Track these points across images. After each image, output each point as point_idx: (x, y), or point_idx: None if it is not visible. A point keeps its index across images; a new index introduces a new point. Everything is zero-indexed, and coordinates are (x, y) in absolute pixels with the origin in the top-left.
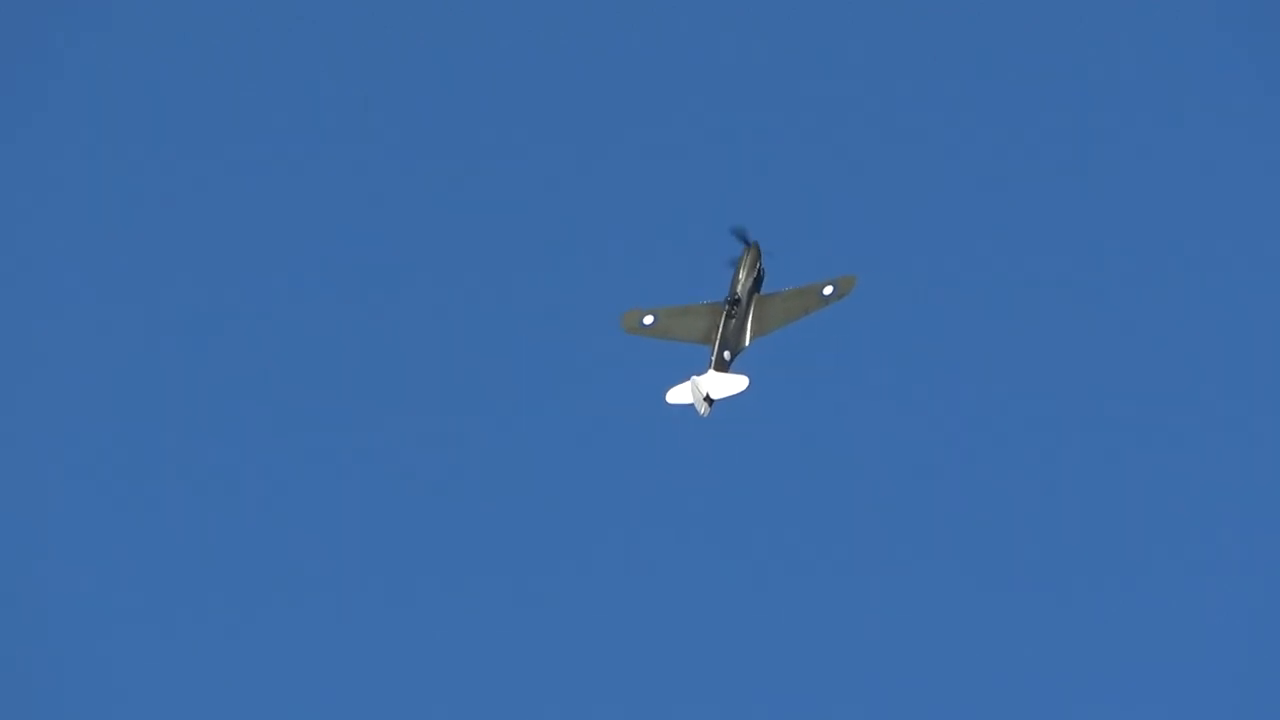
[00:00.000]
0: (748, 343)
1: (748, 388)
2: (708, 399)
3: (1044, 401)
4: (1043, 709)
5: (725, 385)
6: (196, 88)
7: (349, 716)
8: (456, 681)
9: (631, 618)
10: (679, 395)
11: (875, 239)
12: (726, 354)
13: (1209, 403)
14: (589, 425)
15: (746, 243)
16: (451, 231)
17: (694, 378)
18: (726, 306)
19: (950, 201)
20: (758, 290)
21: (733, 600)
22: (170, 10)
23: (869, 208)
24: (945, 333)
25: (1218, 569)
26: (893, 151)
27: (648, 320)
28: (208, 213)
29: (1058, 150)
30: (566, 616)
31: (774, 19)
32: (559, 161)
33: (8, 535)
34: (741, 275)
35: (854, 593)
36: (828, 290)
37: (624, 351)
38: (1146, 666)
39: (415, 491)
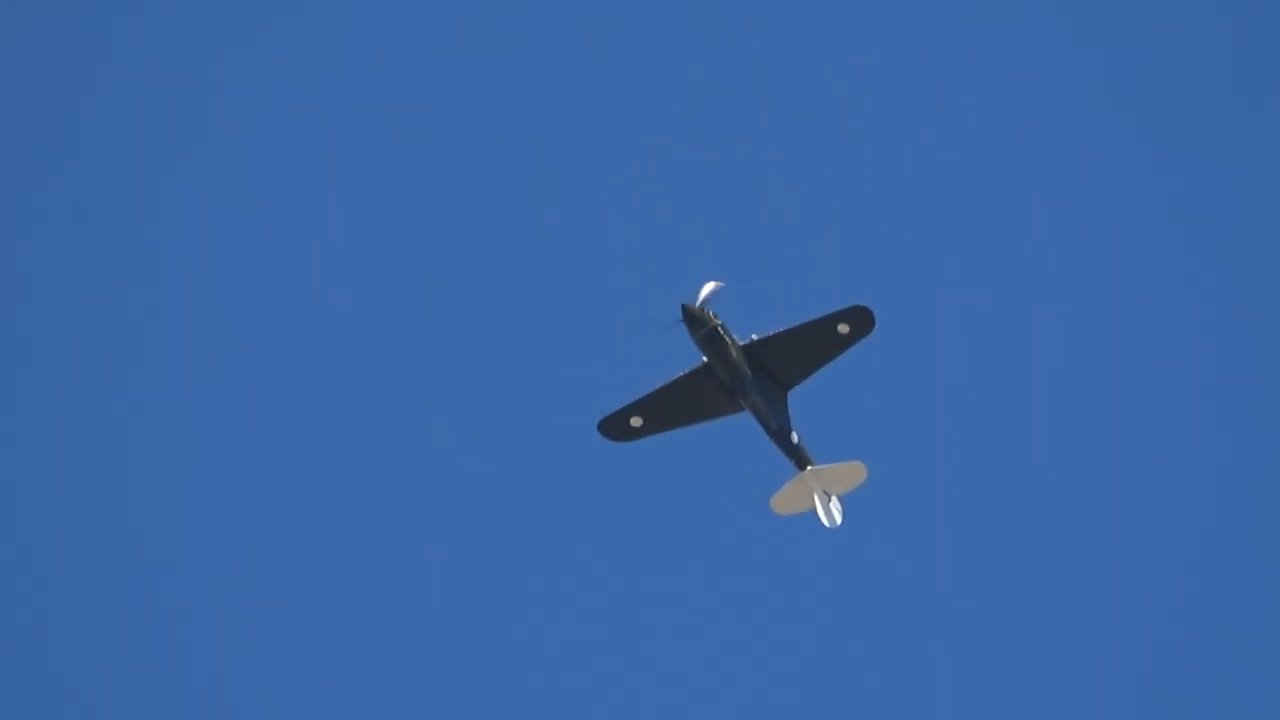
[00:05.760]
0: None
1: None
2: (830, 497)
3: None
4: None
5: (843, 478)
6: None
7: None
8: None
9: None
10: (789, 502)
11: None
12: (794, 436)
13: None
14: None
15: (693, 317)
16: None
17: (802, 484)
18: (740, 395)
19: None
20: (736, 344)
21: None
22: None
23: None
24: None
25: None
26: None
27: (636, 422)
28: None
29: None
30: None
31: None
32: None
33: None
34: (724, 352)
35: None
36: (843, 328)
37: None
38: None
39: None
